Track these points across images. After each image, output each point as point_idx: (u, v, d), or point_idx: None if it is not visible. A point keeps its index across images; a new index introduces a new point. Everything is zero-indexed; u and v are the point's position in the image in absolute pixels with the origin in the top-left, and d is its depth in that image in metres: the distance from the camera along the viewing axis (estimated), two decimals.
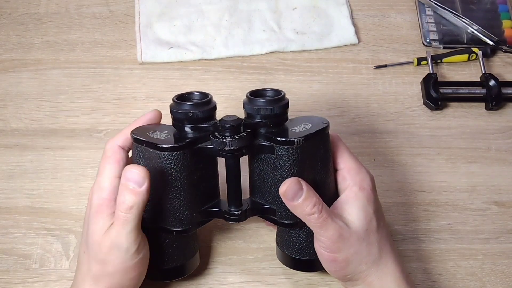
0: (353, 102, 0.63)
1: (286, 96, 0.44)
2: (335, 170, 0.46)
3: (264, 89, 0.45)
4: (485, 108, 0.63)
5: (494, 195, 0.57)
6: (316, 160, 0.43)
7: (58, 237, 0.53)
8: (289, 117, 0.45)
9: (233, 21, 0.68)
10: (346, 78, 0.65)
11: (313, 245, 0.44)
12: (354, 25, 0.69)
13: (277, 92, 0.44)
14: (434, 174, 0.58)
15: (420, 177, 0.58)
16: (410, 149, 0.60)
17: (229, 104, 0.62)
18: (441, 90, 0.62)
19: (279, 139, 0.41)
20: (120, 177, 0.42)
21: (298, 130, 0.42)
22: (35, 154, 0.58)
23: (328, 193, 0.45)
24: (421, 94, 0.64)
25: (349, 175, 0.45)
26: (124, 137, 0.44)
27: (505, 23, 0.69)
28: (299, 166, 0.42)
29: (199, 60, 0.65)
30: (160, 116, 0.47)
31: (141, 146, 0.42)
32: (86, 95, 0.62)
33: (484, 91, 0.63)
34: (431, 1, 0.70)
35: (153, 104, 0.61)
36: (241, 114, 0.44)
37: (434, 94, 0.62)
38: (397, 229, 0.55)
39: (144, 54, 0.64)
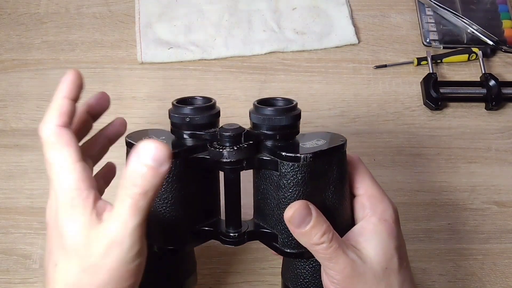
0: (353, 102, 0.63)
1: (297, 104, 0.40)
2: (353, 196, 0.40)
3: (274, 98, 0.40)
4: (485, 108, 0.63)
5: (494, 195, 0.57)
6: (327, 182, 0.38)
7: None
8: (300, 130, 0.40)
9: (233, 21, 0.68)
10: (346, 78, 0.65)
11: (321, 281, 0.39)
12: (354, 25, 0.69)
13: (288, 101, 0.39)
14: (434, 174, 0.58)
15: (420, 177, 0.58)
16: (410, 149, 0.60)
17: (229, 104, 0.62)
18: (441, 90, 0.62)
19: (283, 154, 0.36)
20: (80, 161, 0.34)
21: (308, 146, 0.38)
22: (35, 154, 0.57)
23: (340, 221, 0.39)
24: (421, 94, 0.64)
25: (369, 203, 0.39)
26: (56, 113, 0.35)
27: (505, 23, 0.69)
28: (306, 187, 0.37)
29: (199, 60, 0.65)
30: (105, 98, 0.40)
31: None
32: (86, 95, 0.62)
33: (484, 91, 0.63)
34: (431, 1, 0.70)
35: (153, 104, 0.61)
36: (241, 114, 0.43)
37: (434, 94, 0.62)
38: None
39: (144, 54, 0.64)
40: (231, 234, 0.40)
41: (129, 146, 0.39)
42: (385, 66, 0.66)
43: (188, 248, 0.41)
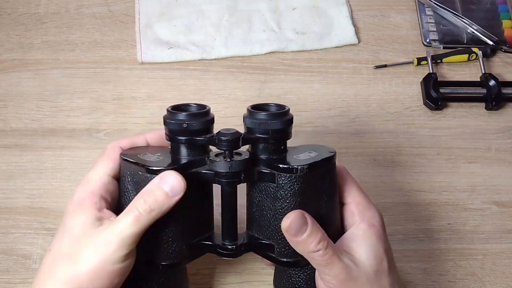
0: (353, 102, 0.63)
1: (290, 107, 0.41)
2: (341, 205, 0.43)
3: (267, 104, 0.42)
4: (485, 108, 0.63)
5: (494, 195, 0.57)
6: (320, 192, 0.40)
7: None
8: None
9: (233, 21, 0.68)
10: (346, 78, 0.65)
11: None
12: (354, 25, 0.69)
13: (281, 106, 0.41)
14: (434, 174, 0.58)
15: (420, 177, 0.58)
16: (410, 149, 0.60)
17: (229, 104, 0.62)
18: (441, 90, 0.62)
19: (280, 166, 0.38)
20: (112, 176, 0.40)
21: (302, 157, 0.39)
22: (35, 154, 0.57)
23: (333, 228, 0.41)
24: (421, 94, 0.64)
25: (357, 210, 0.41)
26: (129, 141, 0.42)
27: (505, 23, 0.69)
28: (301, 197, 0.39)
29: (199, 60, 0.65)
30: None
31: (129, 169, 0.39)
32: (86, 95, 0.62)
33: (484, 91, 0.63)
34: (431, 1, 0.70)
35: (153, 104, 0.61)
36: (241, 114, 0.43)
37: (434, 94, 0.62)
38: (397, 229, 0.54)
39: (144, 54, 0.64)
40: (229, 247, 0.41)
41: (125, 163, 0.40)
42: (385, 66, 0.66)
43: (185, 263, 0.42)
